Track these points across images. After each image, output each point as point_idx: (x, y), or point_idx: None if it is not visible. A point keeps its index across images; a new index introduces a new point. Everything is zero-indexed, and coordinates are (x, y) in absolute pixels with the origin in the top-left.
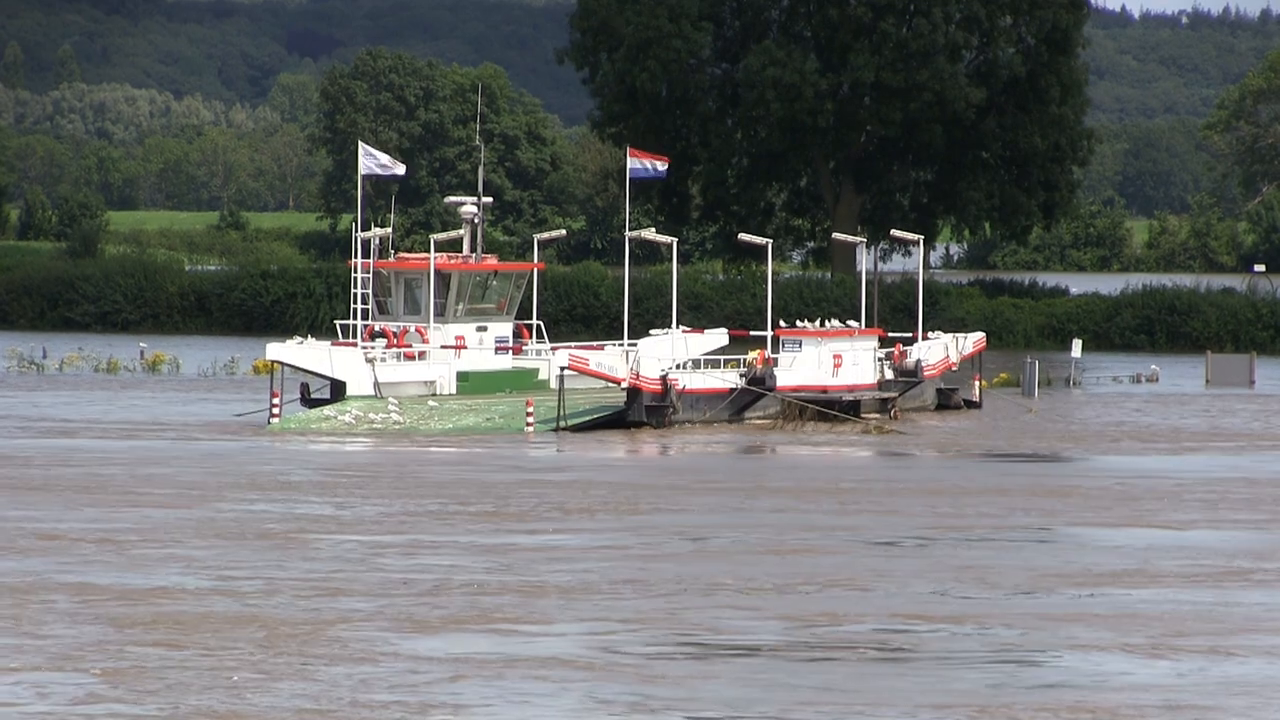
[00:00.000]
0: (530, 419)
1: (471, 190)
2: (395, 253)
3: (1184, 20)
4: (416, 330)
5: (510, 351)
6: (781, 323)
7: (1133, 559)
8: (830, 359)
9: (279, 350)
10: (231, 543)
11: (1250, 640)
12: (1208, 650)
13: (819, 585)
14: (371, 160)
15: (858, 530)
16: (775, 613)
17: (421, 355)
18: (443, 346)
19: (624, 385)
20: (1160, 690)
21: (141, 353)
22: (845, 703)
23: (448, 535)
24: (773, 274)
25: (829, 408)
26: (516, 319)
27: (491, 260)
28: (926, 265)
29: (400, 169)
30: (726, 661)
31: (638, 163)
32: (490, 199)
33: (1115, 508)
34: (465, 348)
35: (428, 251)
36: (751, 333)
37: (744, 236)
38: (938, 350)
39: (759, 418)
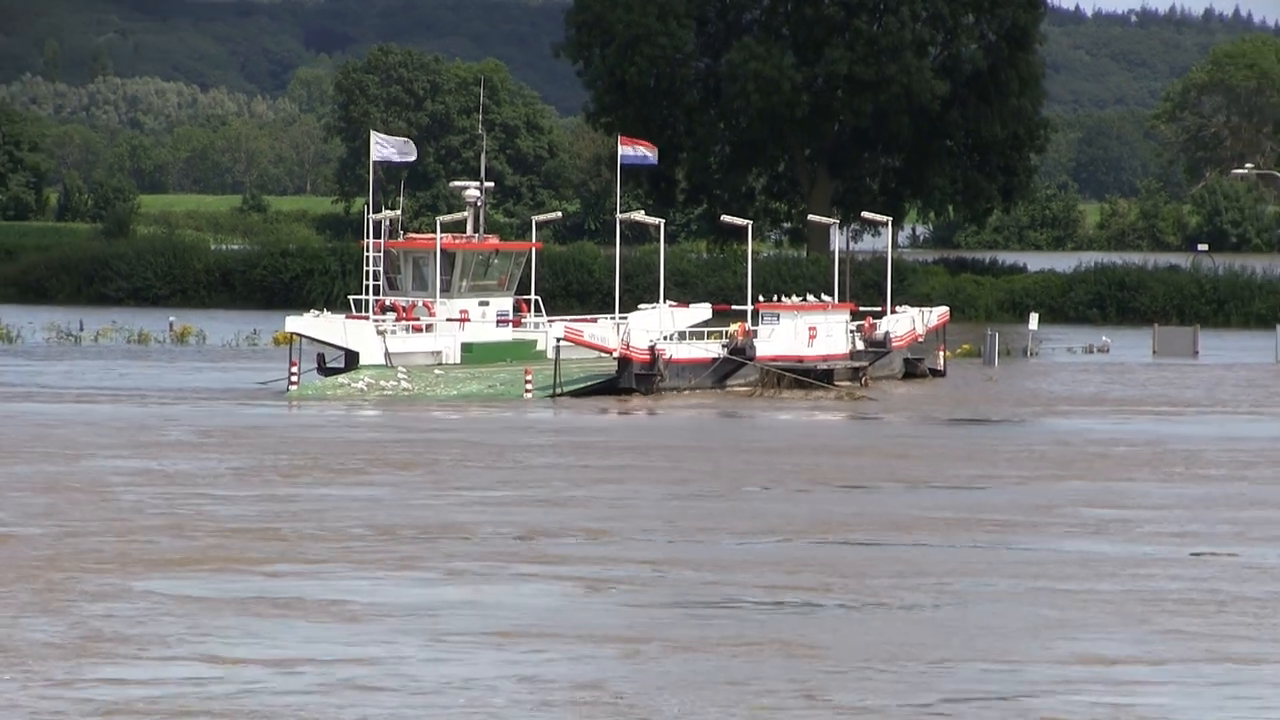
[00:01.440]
0: (529, 386)
1: (475, 176)
2: (404, 233)
3: (1133, 19)
4: (424, 305)
5: (510, 324)
6: (761, 298)
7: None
8: (806, 331)
9: (297, 323)
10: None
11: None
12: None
13: (795, 529)
14: (384, 148)
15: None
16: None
17: (429, 328)
18: (448, 320)
19: (615, 355)
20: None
21: (171, 325)
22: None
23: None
24: (752, 253)
25: (804, 376)
26: (516, 294)
27: (493, 240)
28: (894, 245)
29: (412, 153)
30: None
31: (628, 150)
32: (492, 184)
33: (1059, 467)
34: (469, 321)
35: (434, 232)
36: (733, 307)
37: (726, 218)
38: (905, 323)
39: (740, 385)
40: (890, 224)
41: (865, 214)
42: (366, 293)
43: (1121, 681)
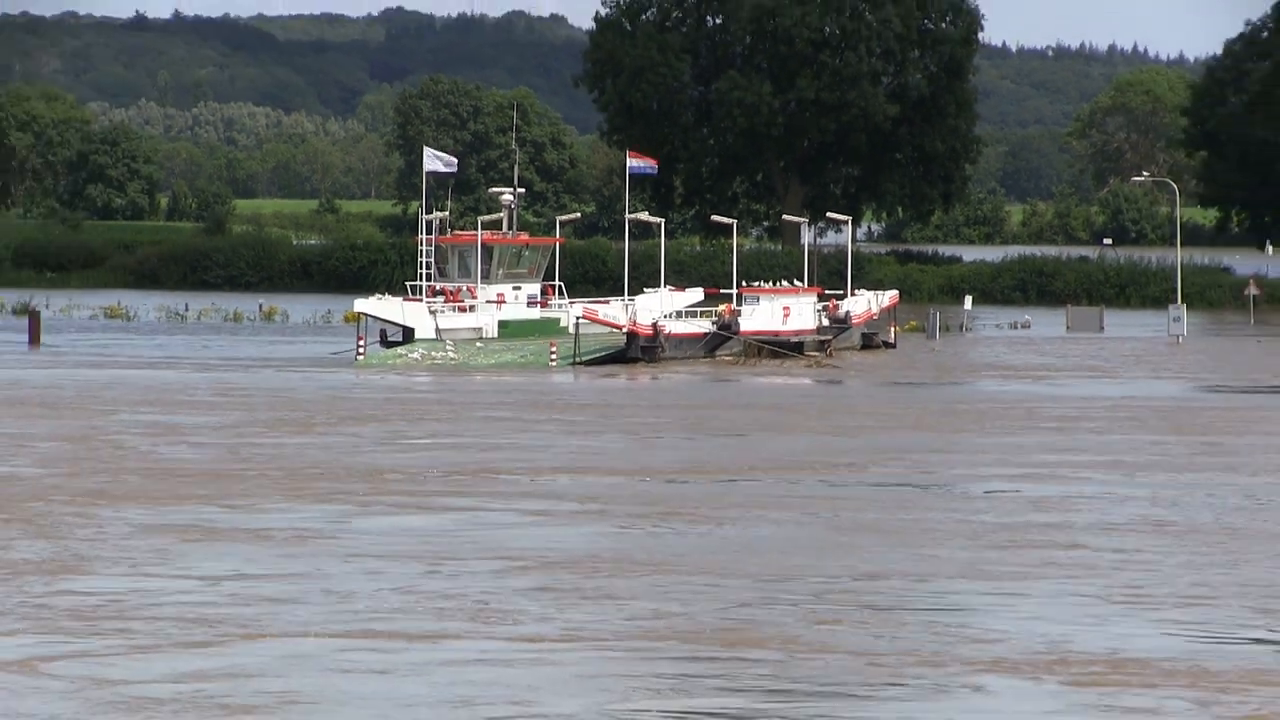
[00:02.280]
0: (553, 355)
1: (509, 183)
2: (451, 231)
3: (1050, 53)
4: (468, 289)
5: (539, 305)
6: (744, 283)
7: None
8: (780, 310)
9: (364, 304)
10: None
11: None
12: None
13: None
14: (434, 160)
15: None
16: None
17: (471, 308)
18: (487, 301)
19: (624, 330)
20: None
21: (259, 307)
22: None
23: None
24: (737, 246)
25: (780, 348)
26: (543, 280)
27: (524, 236)
28: (854, 240)
29: (456, 165)
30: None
31: (635, 162)
32: (523, 190)
33: (987, 421)
34: (504, 302)
35: (476, 230)
36: (721, 291)
37: (715, 218)
38: (862, 304)
39: (726, 355)
40: (850, 222)
41: (830, 214)
42: (420, 279)
43: (879, 592)
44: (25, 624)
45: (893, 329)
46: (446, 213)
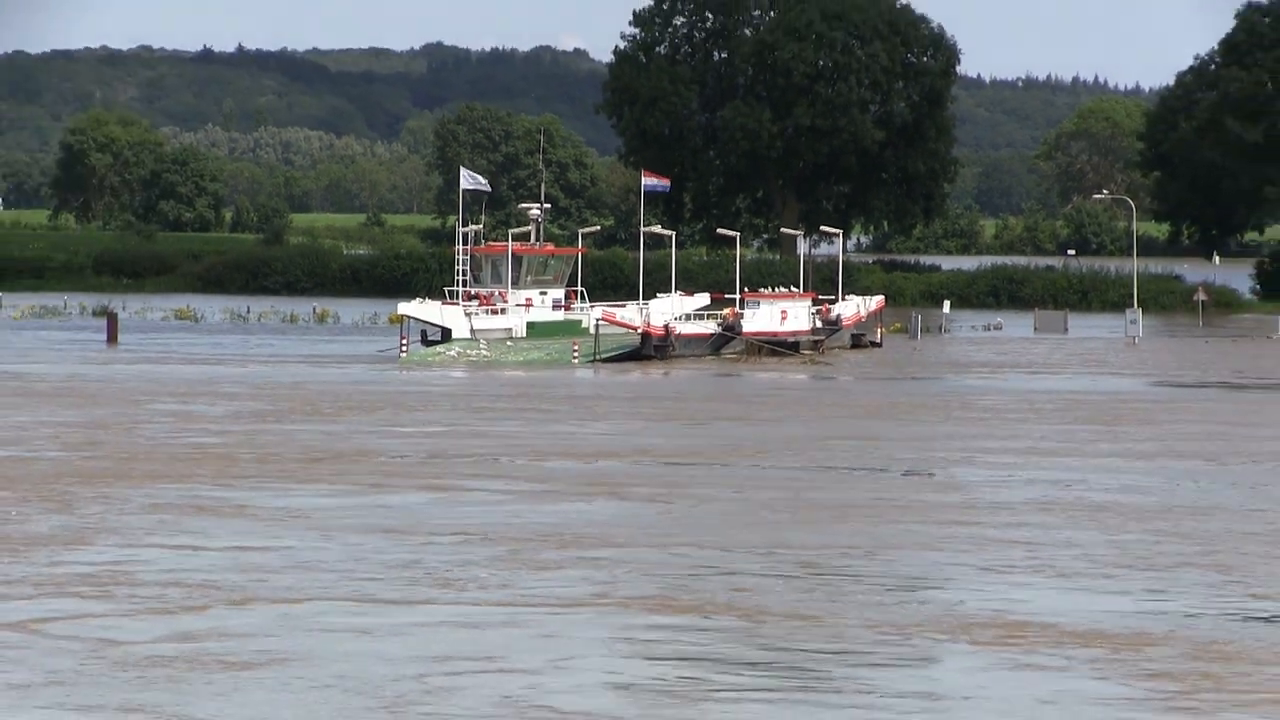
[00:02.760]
0: (576, 353)
1: (536, 200)
2: (485, 242)
3: (1020, 84)
4: (499, 294)
5: (563, 308)
6: (746, 289)
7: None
8: (779, 313)
9: (406, 307)
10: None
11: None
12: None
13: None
14: (469, 179)
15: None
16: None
17: (502, 311)
18: (517, 305)
19: (639, 331)
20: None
21: (313, 310)
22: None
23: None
24: (740, 256)
25: (778, 347)
26: (567, 286)
27: (549, 247)
28: (844, 250)
29: (487, 185)
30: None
31: (649, 181)
32: (549, 205)
33: (954, 412)
34: (532, 306)
35: (507, 241)
36: (725, 296)
37: (720, 230)
38: (851, 308)
39: (730, 354)
40: (841, 235)
41: (823, 227)
42: (457, 285)
43: (792, 560)
44: (39, 589)
45: (879, 330)
46: (480, 226)
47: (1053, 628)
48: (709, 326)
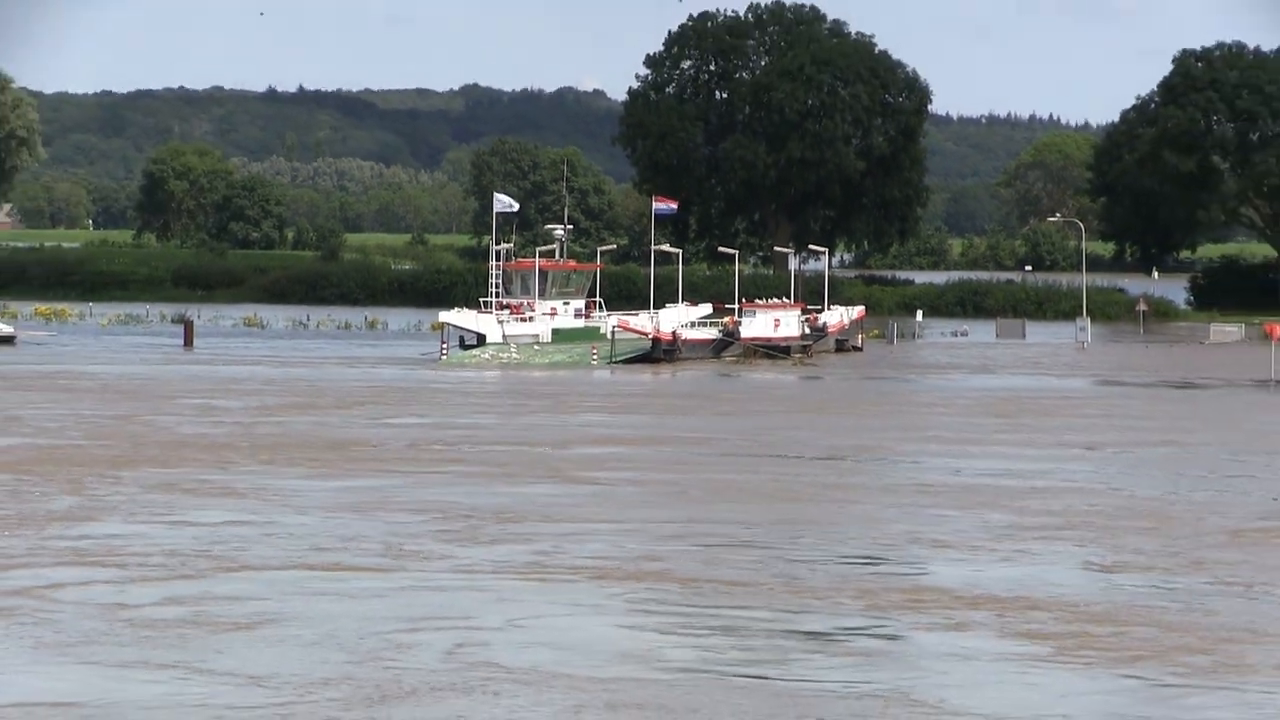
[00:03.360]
0: (595, 356)
1: (560, 222)
2: (515, 258)
3: (984, 120)
4: (528, 304)
5: (584, 317)
6: (743, 300)
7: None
8: (772, 321)
9: (447, 316)
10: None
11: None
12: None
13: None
14: (501, 204)
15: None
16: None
17: (530, 319)
18: (543, 314)
19: (650, 337)
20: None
21: (365, 318)
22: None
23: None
24: (738, 271)
25: (772, 350)
26: (587, 297)
27: (571, 263)
28: (829, 267)
29: (517, 207)
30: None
31: (659, 205)
32: (571, 226)
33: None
34: (556, 314)
35: (534, 258)
36: (726, 306)
37: (721, 249)
38: (836, 317)
39: (730, 357)
40: (826, 253)
41: (811, 246)
42: (491, 296)
43: (721, 534)
44: (58, 559)
45: (860, 336)
46: (511, 244)
47: (947, 593)
48: (711, 333)
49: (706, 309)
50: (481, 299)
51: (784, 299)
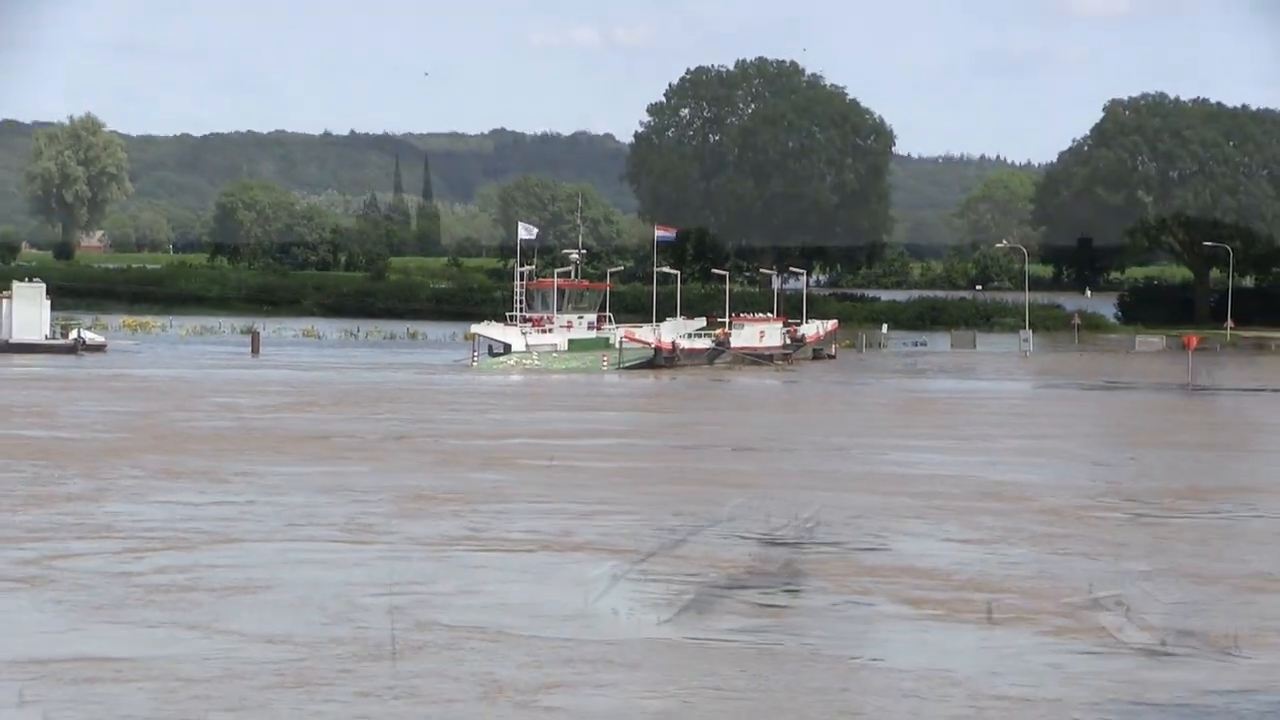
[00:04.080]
0: (605, 363)
1: (575, 247)
2: (536, 278)
3: (940, 160)
4: (547, 318)
5: (595, 329)
6: (733, 315)
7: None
8: (758, 333)
9: (478, 327)
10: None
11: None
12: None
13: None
14: (525, 232)
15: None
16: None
17: (549, 330)
18: (560, 326)
19: (653, 346)
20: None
21: (407, 329)
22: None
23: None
24: (729, 290)
25: (758, 358)
26: (598, 312)
27: (585, 282)
28: (807, 286)
29: (536, 233)
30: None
31: (660, 233)
32: (584, 251)
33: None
34: (572, 327)
35: (553, 278)
36: (718, 319)
37: (714, 270)
38: (813, 329)
39: (721, 364)
40: (805, 274)
41: (791, 268)
42: (516, 311)
43: (668, 511)
44: (71, 534)
45: (834, 346)
46: (533, 266)
47: (880, 569)
48: (705, 343)
49: (701, 322)
50: (508, 313)
51: (768, 314)
